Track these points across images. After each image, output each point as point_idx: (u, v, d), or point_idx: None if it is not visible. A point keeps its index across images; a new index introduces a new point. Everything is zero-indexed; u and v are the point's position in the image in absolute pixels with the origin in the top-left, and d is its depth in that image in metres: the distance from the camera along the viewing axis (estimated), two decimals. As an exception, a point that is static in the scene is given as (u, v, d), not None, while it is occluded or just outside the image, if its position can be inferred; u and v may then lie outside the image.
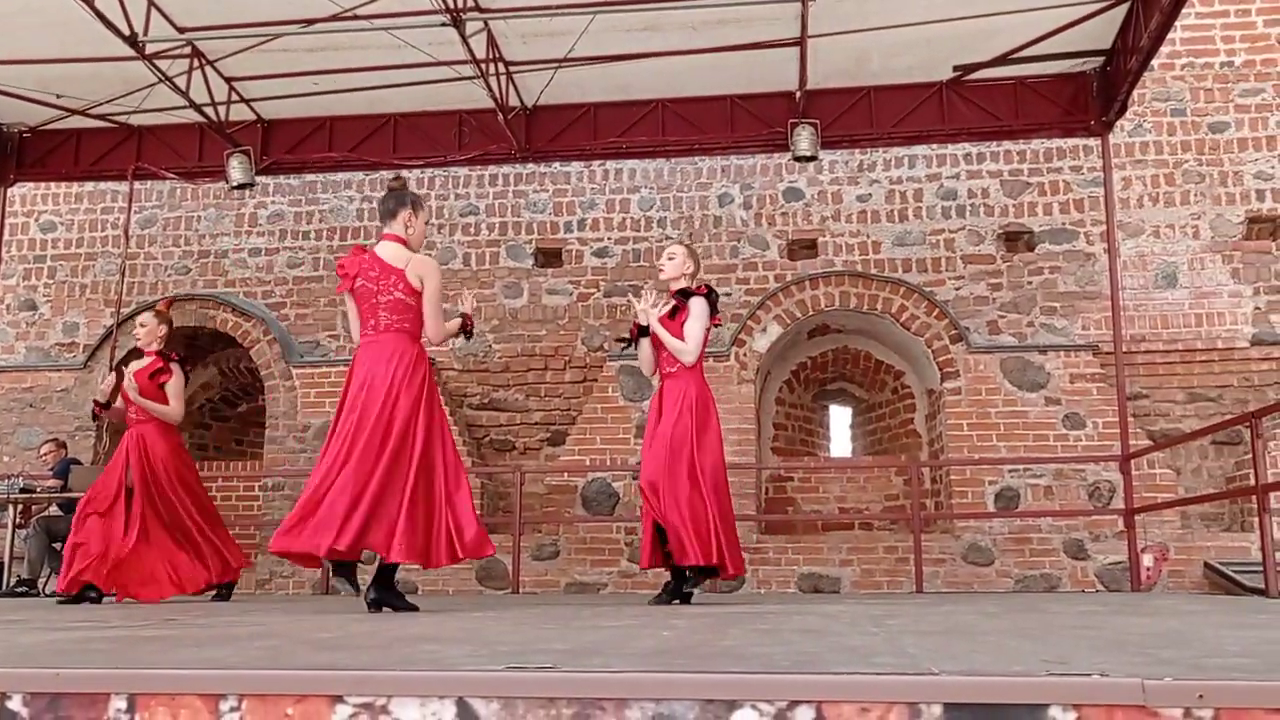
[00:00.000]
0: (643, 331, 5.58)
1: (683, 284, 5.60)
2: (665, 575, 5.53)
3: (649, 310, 5.50)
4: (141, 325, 6.69)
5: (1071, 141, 9.73)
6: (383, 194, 4.96)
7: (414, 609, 4.49)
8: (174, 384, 6.47)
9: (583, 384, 10.04)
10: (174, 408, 6.46)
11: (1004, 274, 9.78)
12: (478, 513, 4.81)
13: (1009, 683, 1.52)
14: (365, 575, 4.43)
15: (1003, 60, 8.56)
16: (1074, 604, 5.00)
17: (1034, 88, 8.86)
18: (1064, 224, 9.84)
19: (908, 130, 9.13)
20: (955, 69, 8.78)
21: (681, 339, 5.44)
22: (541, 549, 9.30)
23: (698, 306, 5.47)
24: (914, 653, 2.00)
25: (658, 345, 5.53)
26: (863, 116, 9.09)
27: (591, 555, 9.29)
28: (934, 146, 9.88)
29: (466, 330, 5.00)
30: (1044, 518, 8.88)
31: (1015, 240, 9.89)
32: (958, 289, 9.76)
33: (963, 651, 2.04)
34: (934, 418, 9.83)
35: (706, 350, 5.75)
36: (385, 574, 4.49)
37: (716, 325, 5.72)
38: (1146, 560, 8.42)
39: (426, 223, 4.97)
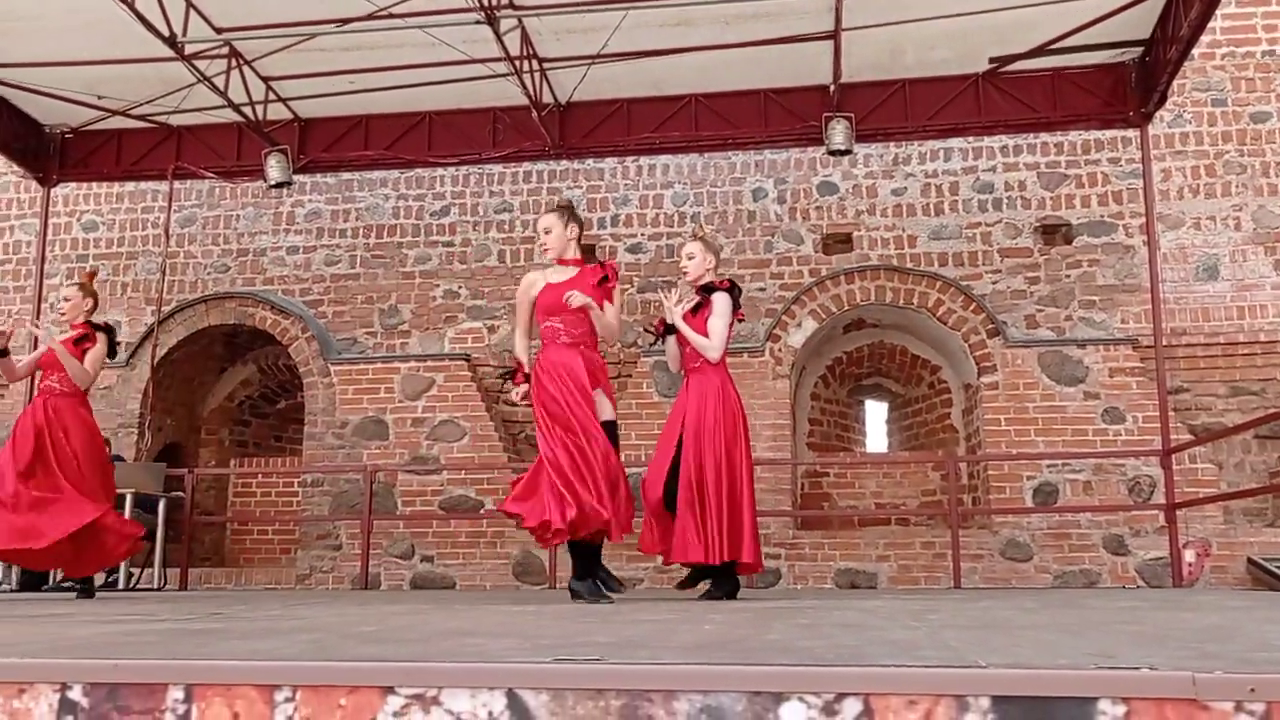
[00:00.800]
0: (669, 329, 5.58)
1: (707, 279, 5.57)
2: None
3: (674, 309, 5.48)
4: (65, 299, 6.54)
5: (1110, 133, 9.63)
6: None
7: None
8: (94, 351, 6.33)
9: (616, 380, 10.05)
10: (86, 371, 6.30)
11: (1042, 267, 9.70)
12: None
13: (1057, 676, 1.52)
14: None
15: (1040, 51, 8.48)
16: (1115, 599, 4.96)
17: (1072, 79, 8.77)
18: (1103, 216, 9.74)
19: (943, 123, 9.07)
20: (991, 61, 8.71)
21: (705, 335, 5.43)
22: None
23: (721, 303, 5.44)
24: (957, 647, 2.01)
25: (683, 342, 5.53)
26: (898, 110, 9.04)
27: (628, 550, 9.28)
28: (970, 139, 9.80)
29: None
30: (1083, 513, 8.81)
31: (1053, 233, 9.80)
32: (994, 283, 9.69)
33: (1006, 646, 2.04)
34: (971, 412, 9.77)
35: (731, 345, 5.75)
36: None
37: (740, 320, 5.69)
38: (1188, 556, 8.33)
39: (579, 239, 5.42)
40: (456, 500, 9.67)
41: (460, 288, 10.37)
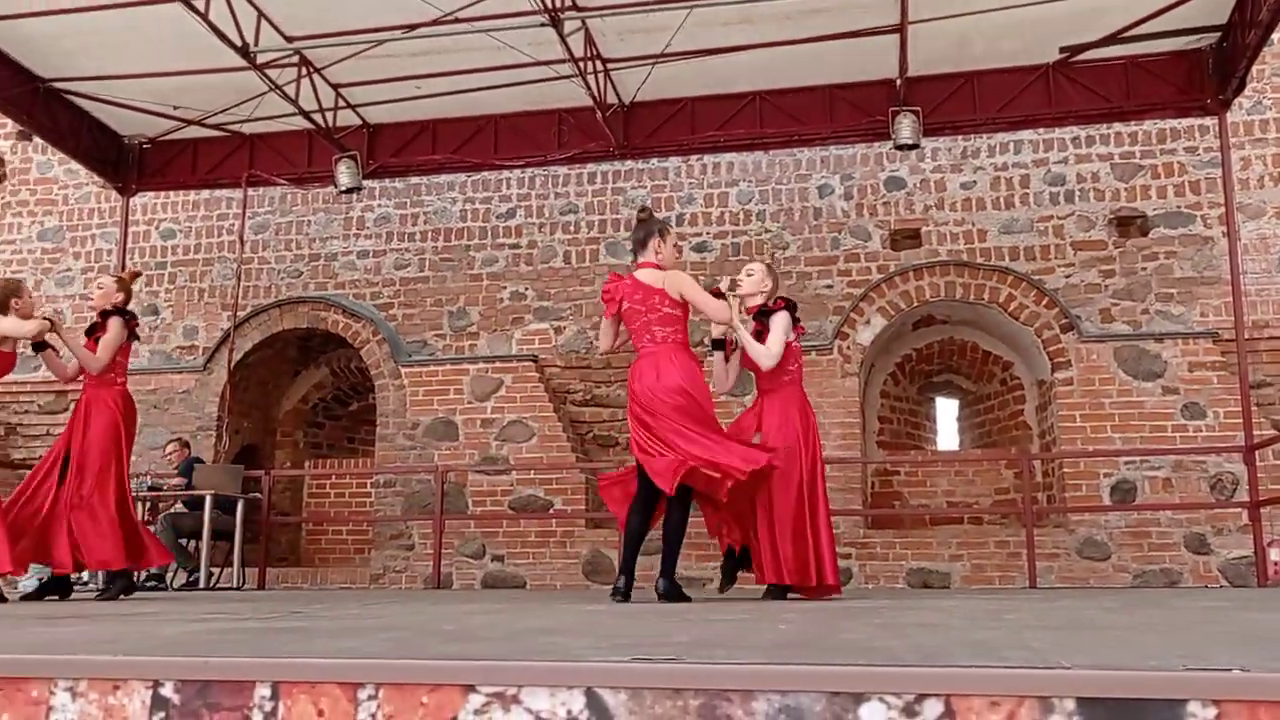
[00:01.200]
0: (717, 345, 5.55)
1: (758, 300, 5.50)
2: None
3: (735, 318, 5.35)
4: (98, 287, 6.39)
5: (1186, 121, 9.40)
6: (633, 227, 5.40)
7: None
8: (106, 336, 6.07)
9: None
10: (96, 356, 6.06)
11: (1117, 260, 9.50)
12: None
13: (1145, 677, 1.49)
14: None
15: (1112, 39, 8.31)
16: (1198, 599, 4.84)
17: (1146, 66, 8.58)
18: (1180, 207, 9.51)
19: (1013, 115, 8.93)
20: (1062, 50, 8.56)
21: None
22: (646, 544, 9.33)
23: (779, 322, 5.36)
24: (1039, 647, 1.97)
25: (749, 364, 5.47)
26: (966, 102, 8.92)
27: (695, 550, 9.29)
28: (1040, 131, 9.63)
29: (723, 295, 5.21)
30: (1163, 511, 8.61)
31: (1128, 225, 9.59)
32: (1068, 276, 9.51)
33: (1090, 646, 2.01)
34: (1045, 409, 9.61)
35: (805, 346, 5.73)
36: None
37: (800, 334, 5.62)
38: (1274, 554, 8.10)
39: (675, 245, 5.34)
40: (526, 500, 9.75)
41: (527, 289, 10.45)
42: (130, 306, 6.41)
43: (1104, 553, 8.67)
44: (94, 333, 6.19)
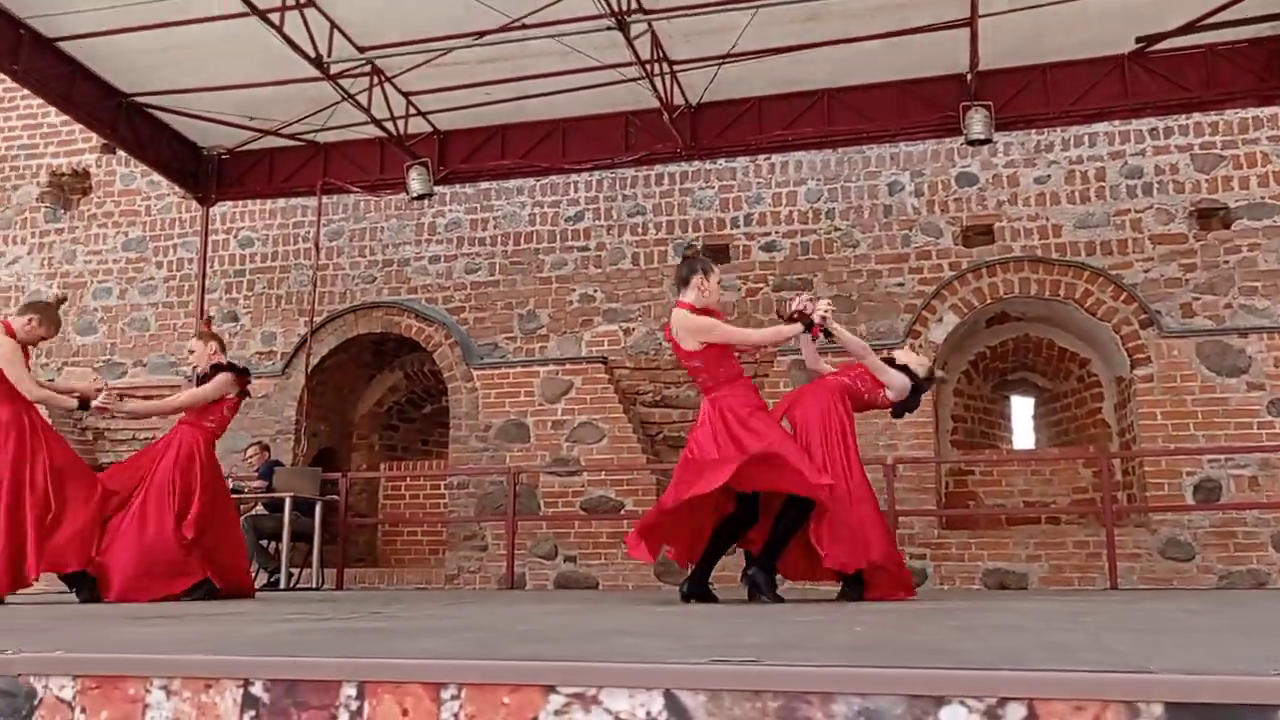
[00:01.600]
0: (807, 325, 5.50)
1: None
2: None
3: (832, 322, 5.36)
4: (191, 351, 6.50)
5: (1269, 110, 9.13)
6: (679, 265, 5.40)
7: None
8: (205, 387, 6.19)
9: (754, 379, 10.02)
10: (179, 399, 6.33)
11: (1198, 253, 9.26)
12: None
13: (1235, 682, 1.46)
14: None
15: (1190, 28, 8.11)
16: (1288, 601, 4.71)
17: (1225, 55, 8.36)
18: (1263, 198, 9.24)
19: (1088, 107, 8.77)
20: (1138, 40, 8.38)
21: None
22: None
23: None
24: (1122, 650, 1.95)
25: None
26: (1038, 95, 8.78)
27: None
28: (1116, 123, 9.43)
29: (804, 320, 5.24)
30: (1249, 510, 8.37)
31: (1209, 217, 9.35)
32: (1146, 271, 9.30)
33: (1176, 649, 1.97)
34: (1124, 406, 9.40)
35: (871, 341, 5.74)
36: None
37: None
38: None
39: (719, 282, 5.28)
40: (597, 501, 9.80)
41: (596, 291, 10.50)
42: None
43: (1188, 553, 8.47)
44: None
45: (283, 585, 8.81)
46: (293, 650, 2.00)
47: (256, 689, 1.82)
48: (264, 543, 9.22)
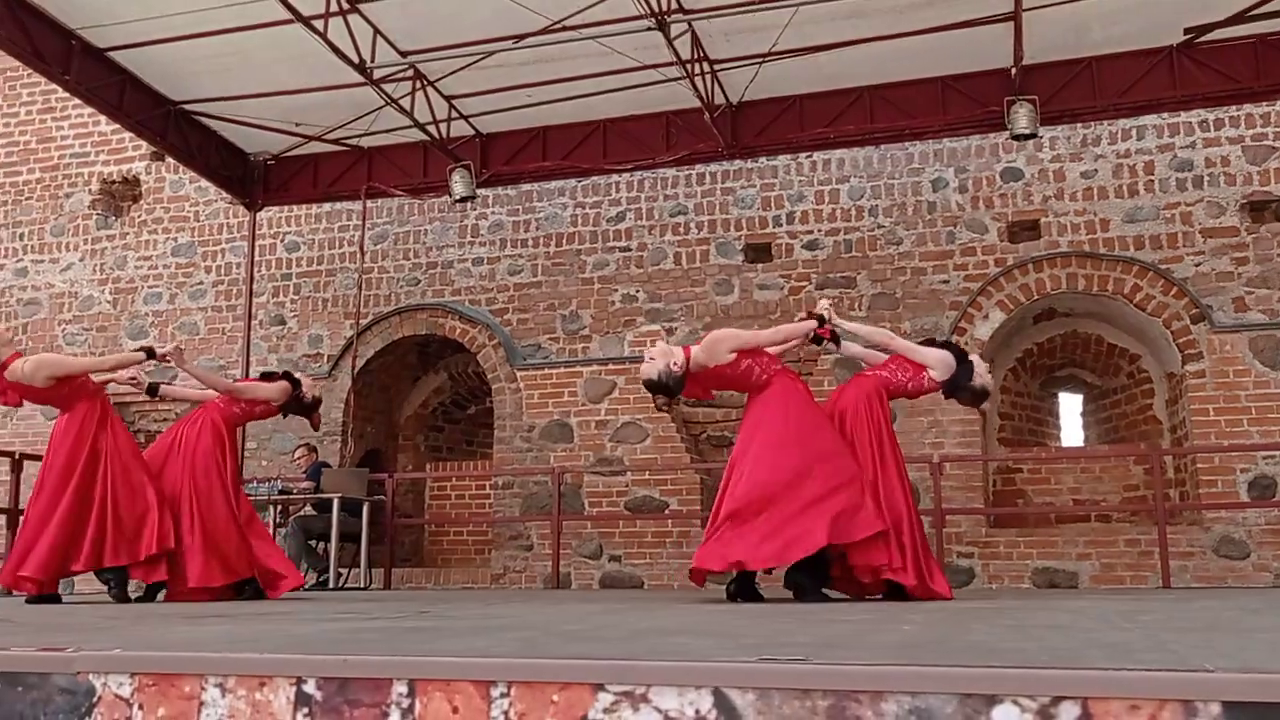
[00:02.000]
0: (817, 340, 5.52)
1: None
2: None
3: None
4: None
5: (1323, 99, 8.95)
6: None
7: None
8: (263, 385, 6.54)
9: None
10: (237, 385, 6.64)
11: (1250, 247, 9.10)
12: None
13: (1296, 681, 1.43)
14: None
15: (1240, 18, 7.97)
16: (1348, 600, 4.61)
17: (1276, 45, 8.21)
18: (1318, 189, 9.05)
19: (1135, 100, 8.65)
20: (1186, 31, 8.25)
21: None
22: (763, 544, 9.30)
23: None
24: (1178, 649, 1.92)
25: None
26: (1084, 89, 8.67)
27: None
28: (1165, 116, 9.29)
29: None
30: (1306, 507, 8.21)
31: (1262, 210, 9.17)
32: (1197, 265, 9.15)
33: (1234, 649, 1.94)
34: (1175, 402, 9.26)
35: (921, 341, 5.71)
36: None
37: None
38: None
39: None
40: (641, 501, 9.80)
41: (638, 291, 10.51)
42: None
43: (1242, 551, 8.32)
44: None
45: (331, 585, 8.90)
46: (344, 649, 2.02)
47: (309, 687, 1.84)
48: (312, 543, 9.33)
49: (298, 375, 6.72)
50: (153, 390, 6.63)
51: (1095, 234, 9.42)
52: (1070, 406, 10.79)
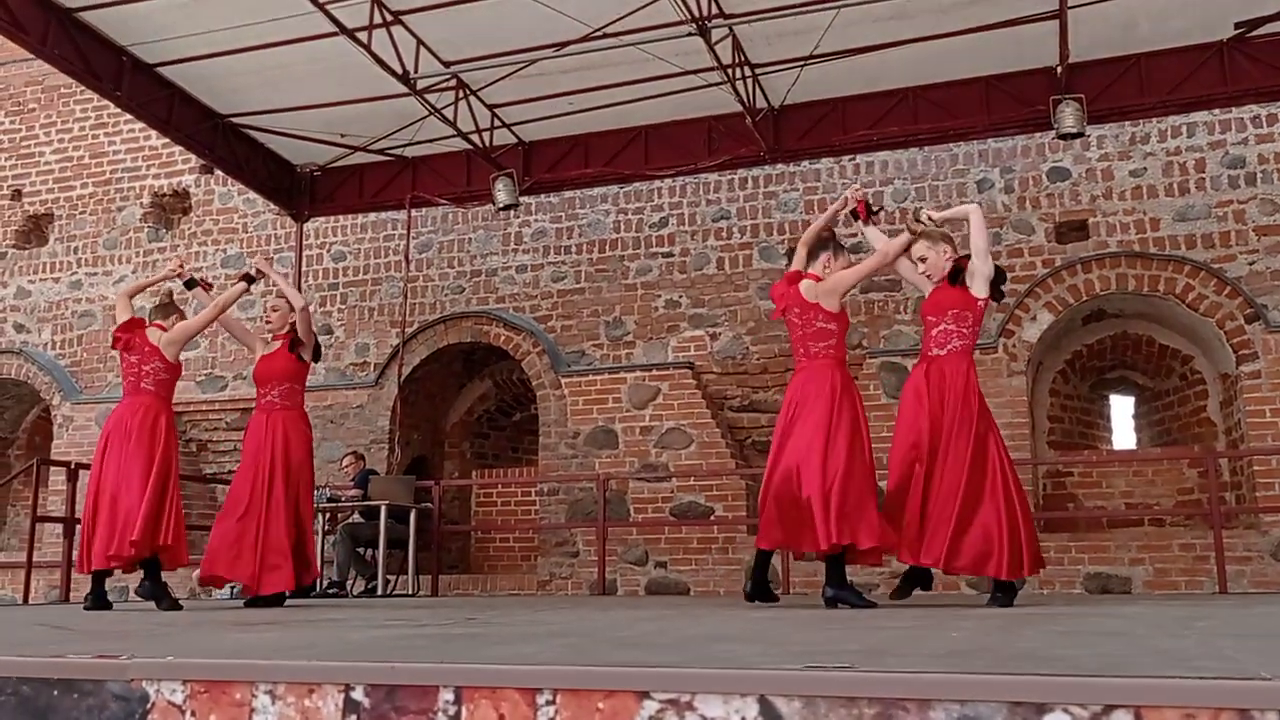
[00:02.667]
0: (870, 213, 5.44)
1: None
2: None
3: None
4: (273, 309, 6.63)
5: (1380, 92, 8.75)
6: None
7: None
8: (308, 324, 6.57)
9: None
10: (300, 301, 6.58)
11: (1306, 244, 8.91)
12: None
13: (1357, 690, 1.40)
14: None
15: (1293, 11, 7.82)
16: None
17: (1331, 37, 8.04)
18: (1376, 184, 8.85)
19: (1185, 97, 8.51)
20: (1237, 26, 8.11)
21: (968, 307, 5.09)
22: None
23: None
24: (1235, 656, 1.88)
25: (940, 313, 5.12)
26: (1132, 86, 8.54)
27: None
28: (1216, 112, 9.13)
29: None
30: (1367, 510, 8.02)
31: (1317, 206, 8.99)
32: (1251, 264, 8.97)
33: (1292, 656, 1.90)
34: (1230, 404, 9.09)
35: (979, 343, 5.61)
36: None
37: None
38: None
39: (845, 266, 5.30)
40: (686, 507, 9.79)
41: (681, 297, 10.51)
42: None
43: (1302, 556, 8.14)
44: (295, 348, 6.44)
45: (380, 592, 8.97)
46: (392, 656, 2.03)
47: (357, 694, 1.86)
48: (360, 550, 9.41)
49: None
50: (191, 284, 6.63)
51: (1145, 233, 9.28)
52: (1121, 409, 10.64)
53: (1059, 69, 8.30)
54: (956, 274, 5.16)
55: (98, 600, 5.72)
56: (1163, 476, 9.43)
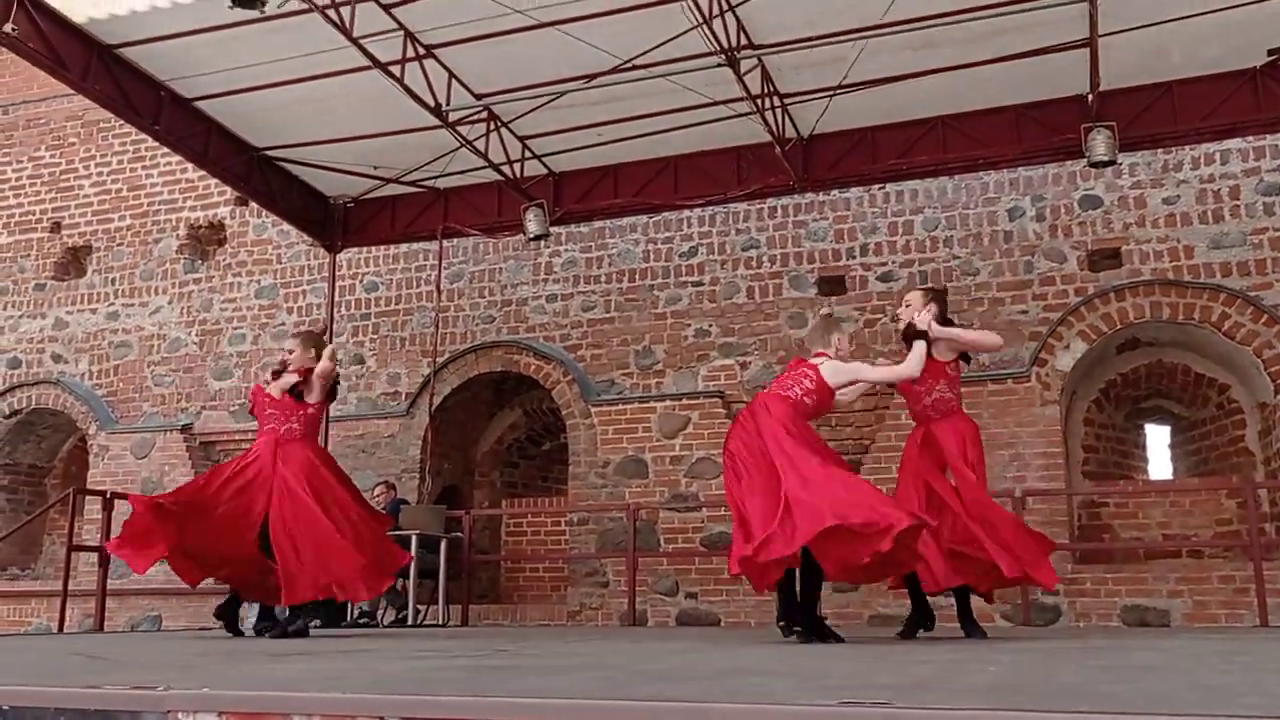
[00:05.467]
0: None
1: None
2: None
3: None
4: (290, 352, 6.50)
5: None
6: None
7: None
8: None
9: (874, 411, 9.88)
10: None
11: (1344, 271, 8.80)
12: None
13: None
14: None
15: (1327, 37, 7.77)
16: None
17: (1367, 63, 7.98)
18: None
19: (1218, 124, 8.45)
20: (1270, 52, 8.06)
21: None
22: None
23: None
24: (1282, 694, 1.84)
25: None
26: (1164, 114, 8.50)
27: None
28: (1250, 139, 9.06)
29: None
30: None
31: (1355, 233, 8.88)
32: (1288, 291, 8.86)
33: (1342, 693, 1.85)
34: (1269, 433, 8.96)
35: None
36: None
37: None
38: None
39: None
40: (717, 537, 9.73)
41: (711, 326, 10.51)
42: (338, 356, 6.69)
43: (1345, 588, 7.99)
44: (298, 391, 6.30)
45: (410, 621, 8.97)
46: (429, 688, 2.03)
47: (392, 727, 1.85)
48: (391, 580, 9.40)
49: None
50: None
51: (1179, 261, 9.20)
52: (1157, 438, 10.51)
53: (1090, 97, 8.27)
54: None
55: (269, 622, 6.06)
56: (1200, 507, 9.30)
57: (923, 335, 5.48)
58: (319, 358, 6.36)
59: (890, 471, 9.44)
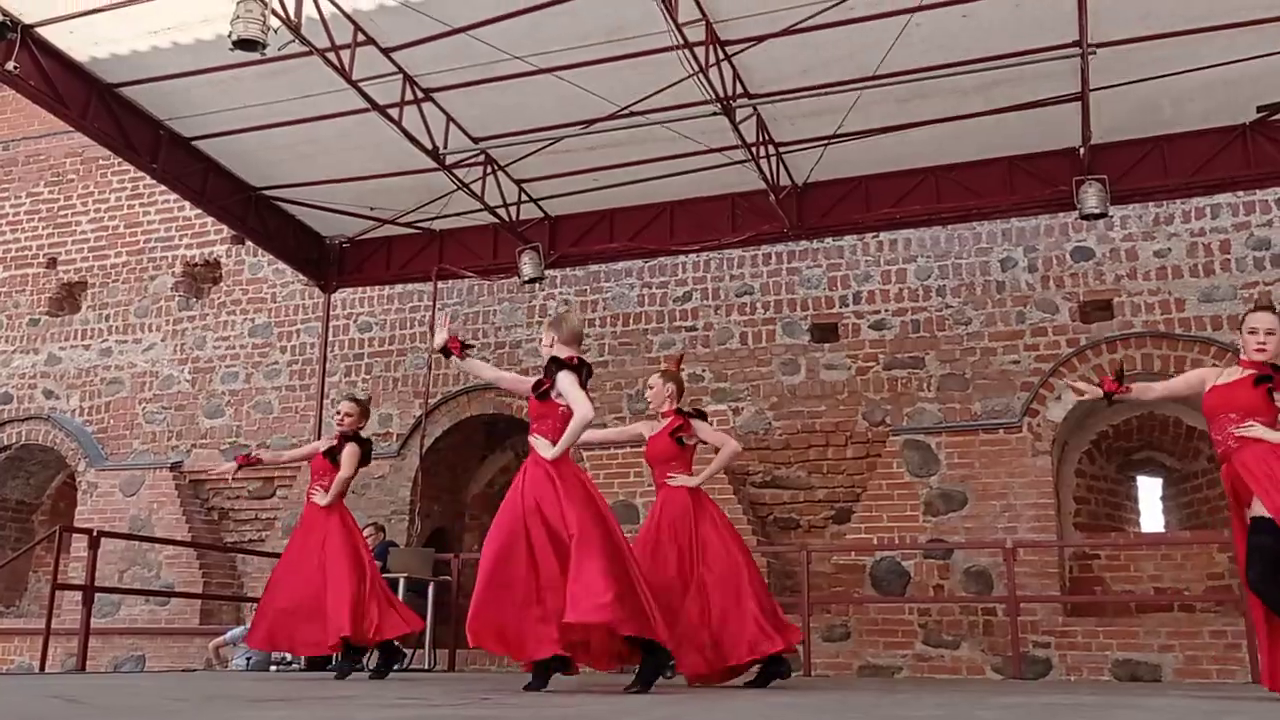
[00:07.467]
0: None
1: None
2: None
3: None
4: (346, 414, 6.92)
5: (1406, 175, 8.74)
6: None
7: None
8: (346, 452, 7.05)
9: (865, 459, 9.87)
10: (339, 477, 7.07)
11: (1334, 326, 8.82)
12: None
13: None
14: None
15: (1315, 95, 7.86)
16: None
17: (1355, 121, 8.07)
18: (1403, 267, 8.81)
19: (1208, 179, 8.54)
20: (1259, 109, 8.16)
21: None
22: (832, 630, 9.13)
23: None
24: (1265, 758, 1.82)
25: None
26: (1155, 168, 8.59)
27: (884, 637, 9.02)
28: (1240, 194, 9.14)
29: None
30: (1404, 598, 7.82)
31: (1345, 288, 8.93)
32: (1279, 345, 8.88)
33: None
34: (1260, 487, 8.93)
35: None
36: None
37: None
38: None
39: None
40: (707, 583, 9.66)
41: (704, 371, 10.51)
42: (330, 396, 6.86)
43: (1337, 644, 7.93)
44: (333, 455, 6.80)
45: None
46: (402, 741, 2.01)
47: (366, 780, 1.83)
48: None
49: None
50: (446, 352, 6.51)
51: (1170, 314, 9.24)
52: (1149, 490, 10.49)
53: (1082, 150, 8.35)
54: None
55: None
56: (1192, 560, 9.26)
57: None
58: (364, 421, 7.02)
59: (882, 519, 9.45)
